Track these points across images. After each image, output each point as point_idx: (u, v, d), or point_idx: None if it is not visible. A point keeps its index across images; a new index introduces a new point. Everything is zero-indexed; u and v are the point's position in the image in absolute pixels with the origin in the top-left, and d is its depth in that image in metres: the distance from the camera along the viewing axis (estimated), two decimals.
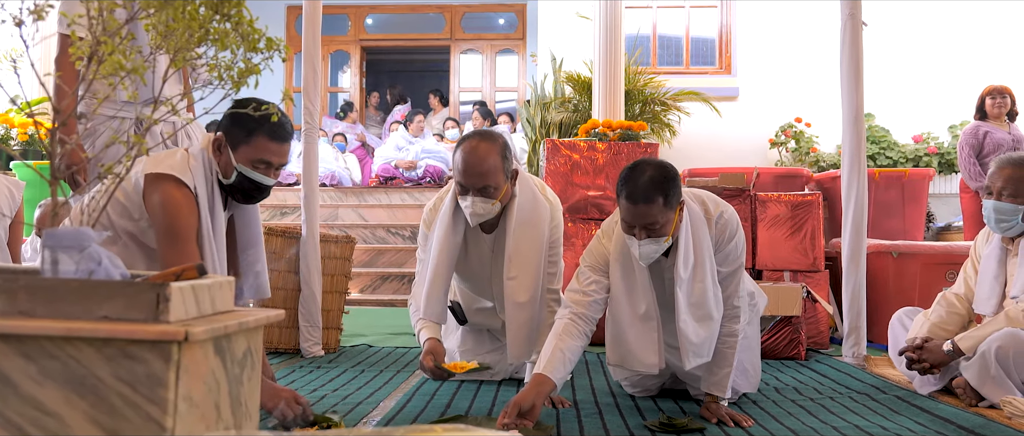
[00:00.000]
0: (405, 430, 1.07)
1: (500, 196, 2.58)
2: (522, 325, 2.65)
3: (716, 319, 2.37)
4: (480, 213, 2.58)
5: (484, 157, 2.52)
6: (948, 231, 6.18)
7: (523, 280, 2.64)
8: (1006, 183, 2.70)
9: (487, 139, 2.58)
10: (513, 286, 2.63)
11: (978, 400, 2.57)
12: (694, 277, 2.33)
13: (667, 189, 2.23)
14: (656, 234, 2.26)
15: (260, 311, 1.36)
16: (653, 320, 2.38)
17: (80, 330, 1.10)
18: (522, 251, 2.65)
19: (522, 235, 2.65)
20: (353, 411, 2.43)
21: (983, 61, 7.73)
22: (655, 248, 2.28)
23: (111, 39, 1.31)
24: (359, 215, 7.84)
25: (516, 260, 2.64)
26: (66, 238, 1.27)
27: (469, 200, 2.55)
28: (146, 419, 1.09)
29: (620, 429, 2.25)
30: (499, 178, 2.55)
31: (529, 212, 2.68)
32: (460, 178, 2.57)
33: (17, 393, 1.11)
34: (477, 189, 2.54)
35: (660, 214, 2.22)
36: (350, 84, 11.51)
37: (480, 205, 2.55)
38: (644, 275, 2.38)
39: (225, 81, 1.45)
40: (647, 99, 7.03)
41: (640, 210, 2.22)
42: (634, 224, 2.26)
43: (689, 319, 2.33)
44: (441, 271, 2.67)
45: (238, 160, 2.16)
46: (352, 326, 4.45)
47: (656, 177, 2.22)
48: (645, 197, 2.21)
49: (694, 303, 2.33)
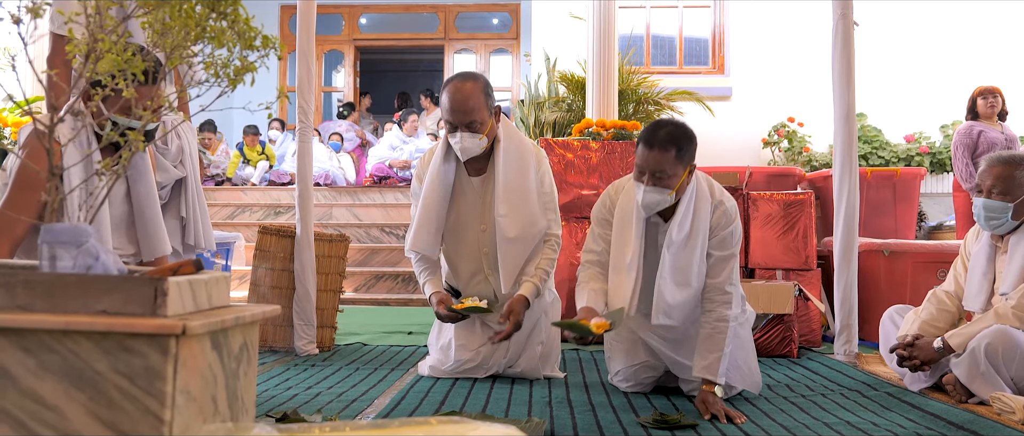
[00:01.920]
0: (400, 422, 1.08)
1: (486, 131, 2.79)
2: (513, 261, 2.81)
3: (694, 289, 2.50)
4: (469, 147, 2.78)
5: (469, 94, 2.76)
6: (940, 230, 6.22)
7: (513, 217, 2.79)
8: (995, 181, 2.73)
9: (470, 78, 2.81)
10: (504, 223, 2.79)
11: (968, 396, 2.60)
12: (685, 245, 2.48)
13: (682, 144, 2.41)
14: (662, 184, 2.42)
15: (257, 306, 1.37)
16: (633, 271, 2.50)
17: (79, 324, 1.11)
18: (511, 187, 2.81)
19: (511, 172, 2.82)
20: (347, 408, 2.44)
21: (974, 61, 7.79)
22: (658, 199, 2.44)
23: (108, 37, 1.32)
24: (353, 214, 7.84)
25: (506, 196, 2.80)
26: (64, 234, 1.28)
27: (458, 136, 2.77)
28: (144, 412, 1.10)
29: (614, 426, 2.27)
30: (484, 113, 2.78)
31: (516, 150, 2.86)
32: (448, 116, 2.79)
33: (16, 386, 1.11)
34: (465, 125, 2.76)
35: (670, 166, 2.40)
36: (344, 84, 11.51)
37: (469, 139, 2.77)
38: (639, 231, 2.53)
39: (221, 79, 1.46)
40: (641, 99, 7.06)
41: (654, 156, 2.40)
42: (645, 169, 2.43)
43: (668, 280, 2.48)
44: (432, 202, 2.86)
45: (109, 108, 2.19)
46: (346, 325, 4.46)
47: (675, 132, 2.43)
48: (661, 144, 2.39)
49: (678, 268, 2.48)
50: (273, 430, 1.03)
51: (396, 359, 3.49)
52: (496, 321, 2.90)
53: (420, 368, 3.09)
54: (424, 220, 2.86)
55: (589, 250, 2.66)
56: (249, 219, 7.70)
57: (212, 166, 8.77)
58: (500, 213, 2.79)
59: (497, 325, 2.89)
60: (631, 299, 2.49)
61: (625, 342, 2.77)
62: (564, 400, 2.61)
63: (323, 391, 2.71)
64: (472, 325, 3.02)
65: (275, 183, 8.80)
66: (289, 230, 3.72)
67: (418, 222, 2.87)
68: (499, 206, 2.79)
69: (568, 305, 4.12)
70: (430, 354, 3.10)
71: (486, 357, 2.91)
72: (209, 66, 1.50)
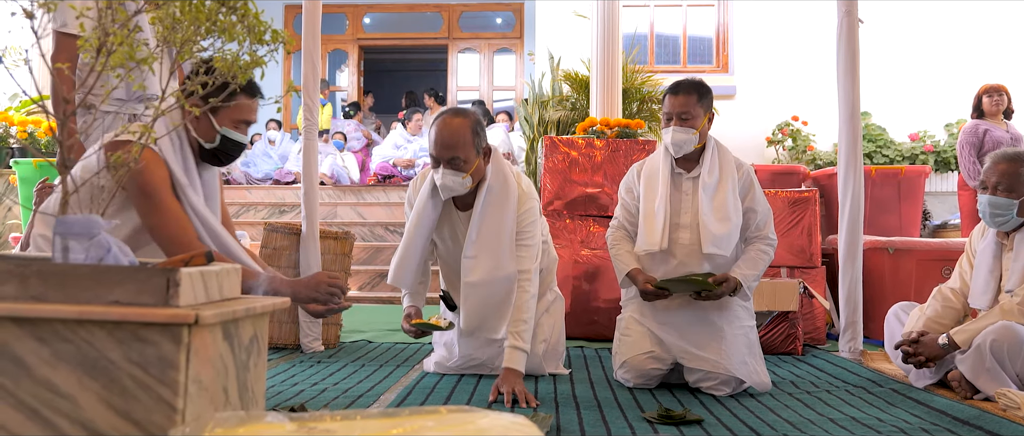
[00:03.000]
0: (410, 411, 1.09)
1: (470, 170, 2.70)
2: (475, 305, 2.77)
3: (734, 223, 2.76)
4: (450, 185, 2.69)
5: (455, 130, 2.67)
6: (944, 229, 6.22)
7: (480, 260, 2.74)
8: (1001, 178, 2.73)
9: (459, 114, 2.73)
10: (468, 265, 2.75)
11: (973, 393, 2.60)
12: (718, 188, 2.79)
13: (702, 91, 2.83)
14: (688, 124, 2.78)
15: (267, 298, 1.38)
16: (663, 210, 2.80)
17: (93, 313, 1.12)
18: (483, 232, 2.75)
19: (488, 216, 2.75)
20: (354, 404, 2.45)
21: (979, 59, 7.78)
22: (685, 137, 2.78)
23: (120, 31, 1.33)
24: (357, 213, 7.86)
25: (479, 239, 2.75)
26: (76, 225, 1.29)
27: (440, 171, 2.69)
28: (157, 400, 1.11)
29: (619, 421, 2.28)
30: (469, 151, 2.68)
31: (497, 194, 2.78)
32: (432, 150, 2.71)
33: (31, 375, 1.13)
34: (447, 160, 2.67)
35: (693, 106, 2.78)
36: (348, 83, 11.53)
37: (450, 177, 2.68)
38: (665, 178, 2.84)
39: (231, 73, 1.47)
40: (644, 97, 7.06)
41: (679, 99, 2.79)
42: (672, 113, 2.80)
43: (711, 217, 2.76)
44: (414, 240, 2.81)
45: (220, 123, 2.20)
46: (351, 322, 4.48)
47: (694, 81, 2.86)
48: (685, 90, 2.81)
49: (716, 206, 2.77)
50: (285, 417, 1.04)
51: (401, 356, 3.50)
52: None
53: (425, 364, 3.11)
54: (404, 256, 2.82)
55: (617, 217, 3.00)
56: (254, 217, 7.72)
57: None
58: (467, 254, 2.75)
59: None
60: (662, 233, 2.77)
61: (633, 333, 2.79)
62: (569, 396, 2.61)
63: (329, 387, 2.72)
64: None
65: (279, 182, 8.82)
66: (295, 228, 3.73)
67: (399, 257, 2.83)
68: (468, 248, 2.75)
69: (571, 305, 4.13)
70: (435, 351, 3.11)
71: (491, 356, 2.91)
72: (218, 60, 1.51)
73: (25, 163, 6.07)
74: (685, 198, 2.84)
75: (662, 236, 2.78)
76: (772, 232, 2.86)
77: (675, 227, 2.81)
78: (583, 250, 4.22)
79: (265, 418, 1.04)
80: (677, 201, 2.84)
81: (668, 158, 2.87)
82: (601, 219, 4.28)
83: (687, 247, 2.79)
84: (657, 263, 2.83)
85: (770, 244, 2.83)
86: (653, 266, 2.84)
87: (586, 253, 4.22)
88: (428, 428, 1.03)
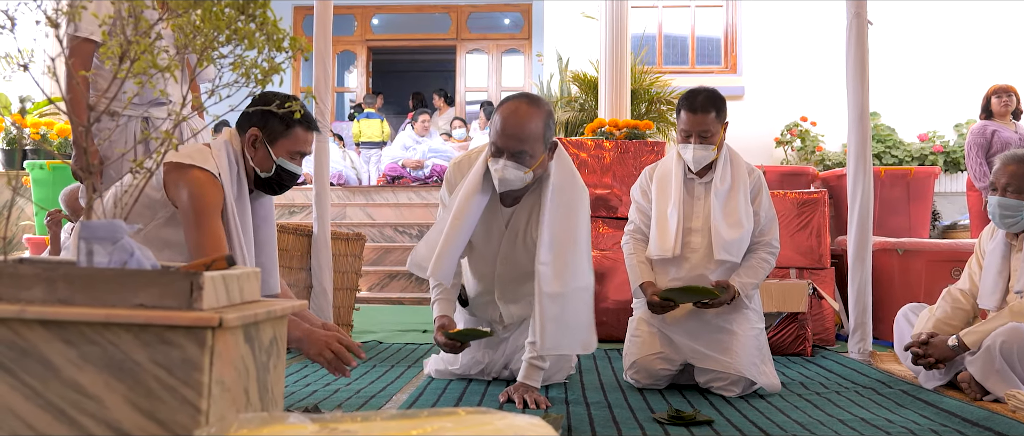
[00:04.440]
0: (429, 412, 1.12)
1: (535, 166, 2.46)
2: (552, 318, 2.44)
3: (745, 229, 2.77)
4: (510, 179, 2.44)
5: (525, 121, 2.42)
6: (953, 229, 6.21)
7: (557, 267, 2.45)
8: (1011, 179, 2.74)
9: (532, 103, 2.48)
10: (545, 273, 2.44)
11: (983, 394, 2.61)
12: (729, 194, 2.80)
13: (719, 106, 2.82)
14: (707, 141, 2.78)
15: (286, 301, 1.41)
16: (676, 215, 2.80)
17: (119, 316, 1.15)
18: (558, 236, 2.47)
19: (559, 218, 2.49)
20: (367, 404, 2.48)
21: (988, 60, 7.76)
22: (705, 154, 2.79)
23: (143, 39, 1.36)
24: (367, 214, 7.90)
25: (552, 243, 2.46)
26: (100, 230, 1.32)
27: (501, 163, 2.44)
28: (182, 402, 1.14)
29: (630, 422, 2.30)
30: (537, 146, 2.45)
31: (568, 192, 2.53)
32: (496, 139, 2.45)
33: (58, 377, 1.16)
34: (512, 153, 2.43)
35: (712, 124, 2.78)
36: (357, 84, 11.57)
37: (512, 171, 2.43)
38: (678, 184, 2.84)
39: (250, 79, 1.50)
40: (653, 98, 7.07)
41: (698, 118, 2.77)
42: (691, 132, 2.79)
43: (722, 222, 2.76)
44: (459, 231, 2.50)
45: (277, 154, 2.27)
46: (362, 323, 4.50)
47: (712, 95, 2.83)
48: (703, 108, 2.78)
49: (728, 212, 2.78)
50: (307, 418, 1.07)
51: (412, 356, 3.52)
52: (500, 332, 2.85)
53: (426, 368, 3.02)
54: (447, 248, 2.50)
55: (632, 222, 3.00)
56: None
57: None
58: (542, 261, 2.44)
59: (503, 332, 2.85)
60: (675, 239, 2.78)
61: (643, 334, 2.81)
62: (580, 397, 2.63)
63: (342, 388, 2.75)
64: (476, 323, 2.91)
65: None
66: (306, 229, 3.76)
67: (441, 248, 2.50)
68: (542, 253, 2.44)
69: None
70: (435, 354, 3.03)
71: (492, 362, 2.85)
72: (237, 67, 1.54)
73: (38, 164, 6.13)
74: (697, 203, 2.85)
75: (675, 242, 2.78)
76: (776, 239, 2.87)
77: (687, 231, 2.82)
78: (593, 251, 4.23)
79: (288, 419, 1.07)
80: (689, 206, 2.85)
81: (681, 163, 2.86)
82: (610, 220, 4.30)
83: (699, 252, 2.80)
84: (669, 267, 2.84)
85: (772, 252, 2.84)
86: (665, 270, 2.85)
87: (596, 254, 4.23)
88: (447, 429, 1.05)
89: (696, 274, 2.80)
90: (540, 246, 2.46)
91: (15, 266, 1.25)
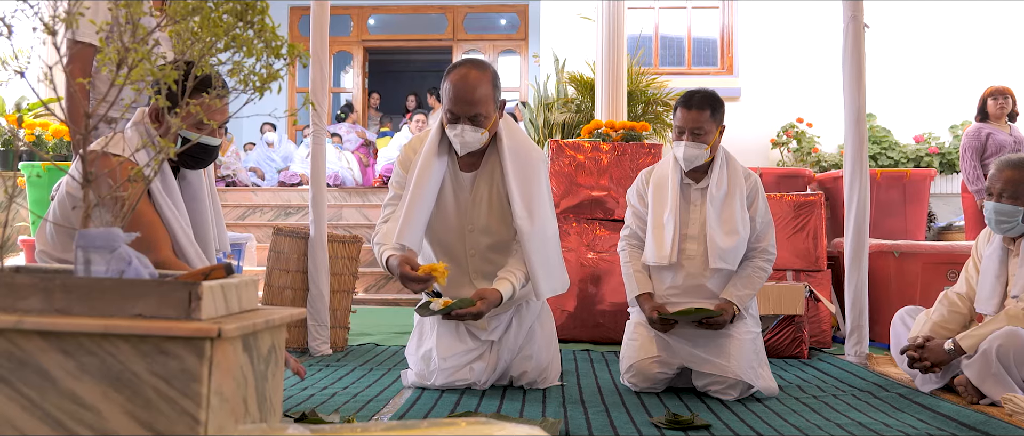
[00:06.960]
0: (429, 423, 1.11)
1: (489, 125, 2.62)
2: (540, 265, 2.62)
3: (741, 236, 2.75)
4: (469, 142, 2.61)
5: (475, 85, 2.58)
6: (949, 231, 6.22)
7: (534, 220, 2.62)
8: (1006, 185, 2.75)
9: (479, 67, 2.64)
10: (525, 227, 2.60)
11: (979, 398, 2.62)
12: (725, 200, 2.78)
13: (715, 105, 2.80)
14: (700, 140, 2.76)
15: (284, 309, 1.40)
16: (672, 222, 2.79)
17: (117, 327, 1.14)
18: (525, 191, 2.63)
19: (520, 171, 2.64)
20: (364, 409, 2.47)
21: (984, 62, 7.78)
22: (696, 153, 2.76)
23: (141, 47, 1.35)
24: (363, 215, 7.88)
25: (523, 200, 2.62)
26: (97, 239, 1.31)
27: (459, 128, 2.59)
28: (181, 413, 1.13)
29: (627, 426, 2.30)
30: (489, 107, 2.61)
31: (522, 148, 2.68)
32: (450, 105, 2.60)
33: (56, 388, 1.15)
34: (468, 117, 2.59)
35: (706, 122, 2.76)
36: (353, 85, 11.55)
37: (470, 133, 2.60)
38: (674, 189, 2.82)
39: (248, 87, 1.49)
40: (649, 99, 7.08)
41: (692, 115, 2.76)
42: (684, 128, 2.77)
43: (718, 230, 2.75)
44: (423, 196, 2.63)
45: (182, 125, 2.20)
46: (358, 325, 4.50)
47: (709, 94, 2.82)
48: (698, 105, 2.77)
49: (724, 219, 2.76)
50: (306, 430, 1.07)
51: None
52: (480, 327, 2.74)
53: (404, 379, 2.86)
54: (412, 213, 2.60)
55: (628, 226, 2.98)
56: (260, 220, 7.75)
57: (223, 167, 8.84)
58: (520, 216, 2.60)
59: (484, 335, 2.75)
60: (671, 246, 2.77)
61: (640, 338, 2.81)
62: (577, 401, 2.63)
63: (339, 391, 2.75)
64: (455, 331, 2.74)
65: (285, 184, 8.86)
66: (303, 231, 3.76)
67: (406, 215, 2.60)
68: (518, 210, 2.60)
69: (577, 308, 4.15)
70: (410, 365, 2.85)
71: (478, 373, 2.73)
72: (235, 73, 1.53)
73: (33, 166, 6.11)
74: (693, 209, 2.85)
75: (672, 250, 2.78)
76: (772, 245, 2.86)
77: (683, 238, 2.82)
78: (589, 253, 4.24)
79: (287, 430, 1.06)
80: (686, 212, 2.84)
81: (677, 168, 2.86)
82: (607, 222, 4.30)
83: (696, 259, 2.80)
84: (665, 275, 2.85)
85: (768, 260, 2.83)
86: (661, 278, 2.86)
87: (592, 256, 4.23)
88: None
89: (693, 282, 2.81)
90: (514, 205, 2.62)
91: (12, 276, 1.24)
